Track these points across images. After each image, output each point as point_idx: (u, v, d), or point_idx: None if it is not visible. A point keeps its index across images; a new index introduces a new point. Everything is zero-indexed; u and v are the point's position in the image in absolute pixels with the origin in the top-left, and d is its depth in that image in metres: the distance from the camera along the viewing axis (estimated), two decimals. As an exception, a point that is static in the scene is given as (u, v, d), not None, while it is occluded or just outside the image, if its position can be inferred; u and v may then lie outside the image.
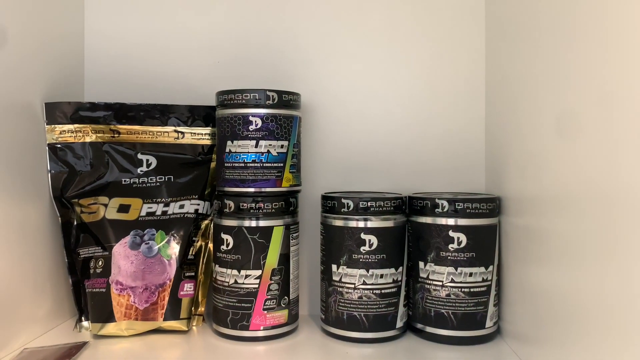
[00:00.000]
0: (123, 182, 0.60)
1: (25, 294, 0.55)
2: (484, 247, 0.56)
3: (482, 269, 0.56)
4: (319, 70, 0.68)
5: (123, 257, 0.59)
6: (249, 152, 0.56)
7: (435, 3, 0.67)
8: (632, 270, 0.32)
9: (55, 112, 0.59)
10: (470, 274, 0.56)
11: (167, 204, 0.61)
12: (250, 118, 0.56)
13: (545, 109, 0.47)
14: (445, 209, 0.56)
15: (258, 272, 0.56)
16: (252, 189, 0.57)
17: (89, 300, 0.58)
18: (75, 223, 0.59)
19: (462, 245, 0.55)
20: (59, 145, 0.59)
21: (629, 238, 0.32)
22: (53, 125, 0.59)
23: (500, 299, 0.59)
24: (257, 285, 0.56)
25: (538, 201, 0.48)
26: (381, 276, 0.56)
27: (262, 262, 0.56)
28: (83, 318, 0.59)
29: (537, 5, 0.49)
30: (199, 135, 0.62)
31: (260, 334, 0.57)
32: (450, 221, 0.56)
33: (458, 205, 0.56)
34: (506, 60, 0.59)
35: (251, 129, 0.56)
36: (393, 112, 0.68)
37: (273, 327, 0.57)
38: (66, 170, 0.59)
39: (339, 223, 0.57)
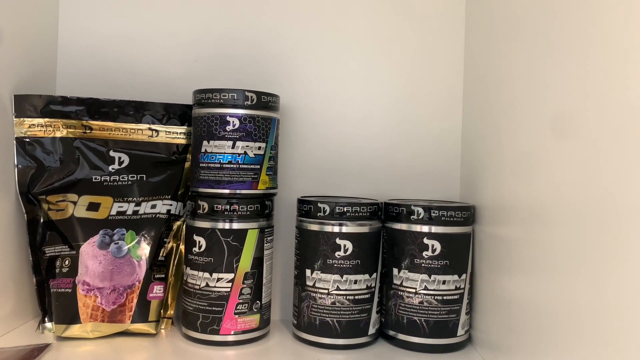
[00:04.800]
0: (93, 180, 0.58)
1: (-14, 292, 0.52)
2: (458, 255, 0.56)
3: (456, 276, 0.56)
4: (299, 73, 0.67)
5: (91, 257, 0.57)
6: (225, 153, 0.56)
7: (416, 10, 0.68)
8: (603, 281, 0.32)
9: (24, 105, 0.57)
10: (444, 282, 0.56)
11: (138, 204, 0.59)
12: (228, 118, 0.55)
13: (521, 119, 0.47)
14: (421, 216, 0.56)
15: (230, 276, 0.55)
16: (227, 191, 0.56)
17: (54, 300, 0.56)
18: (41, 220, 0.57)
19: (437, 252, 0.56)
20: (27, 140, 0.57)
21: (600, 249, 0.33)
22: (22, 119, 0.57)
23: (472, 307, 0.59)
24: (229, 289, 0.55)
25: (512, 211, 0.48)
26: (355, 282, 0.56)
27: (234, 266, 0.55)
28: (46, 319, 0.57)
29: (517, 14, 0.49)
30: (174, 134, 0.61)
31: (231, 338, 0.56)
32: (425, 228, 0.56)
33: (433, 212, 0.56)
34: (484, 69, 0.59)
35: (228, 130, 0.55)
36: (371, 117, 0.68)
37: (244, 332, 0.56)
38: (34, 166, 0.57)
39: (314, 227, 0.57)
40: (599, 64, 0.34)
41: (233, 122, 0.55)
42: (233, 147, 0.55)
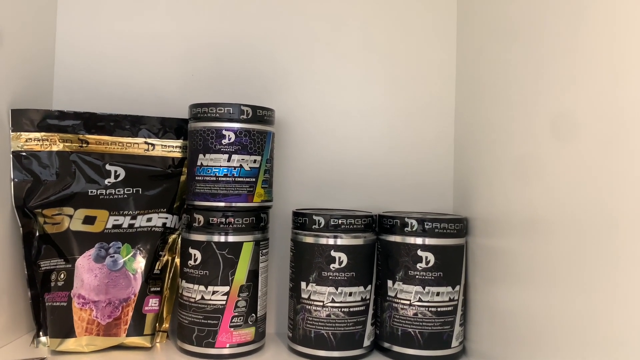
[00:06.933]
0: (89, 193, 0.59)
1: (-19, 306, 0.52)
2: (452, 266, 0.57)
3: (449, 288, 0.57)
4: (294, 86, 0.68)
5: (87, 270, 0.57)
6: (221, 166, 0.56)
7: (409, 22, 0.69)
8: (597, 292, 0.33)
9: (21, 119, 0.57)
10: (438, 294, 0.56)
11: (134, 217, 0.59)
12: (224, 132, 0.56)
13: (514, 131, 0.48)
14: (415, 228, 0.57)
15: (226, 289, 0.56)
16: (222, 204, 0.56)
17: (49, 314, 0.56)
18: (37, 234, 0.57)
19: (430, 264, 0.56)
20: (24, 154, 0.58)
21: (595, 260, 0.33)
22: (19, 133, 0.57)
23: (466, 318, 0.59)
24: (224, 302, 0.55)
25: (505, 222, 0.49)
26: (350, 294, 0.56)
27: (230, 278, 0.56)
28: (41, 333, 0.57)
29: (508, 22, 0.50)
30: (170, 148, 0.62)
31: (226, 351, 0.56)
32: (419, 240, 0.57)
33: (427, 224, 0.56)
34: (475, 82, 0.60)
35: (224, 143, 0.56)
36: (366, 130, 0.68)
37: (239, 345, 0.56)
38: (30, 180, 0.57)
39: (309, 240, 0.57)
40: (593, 70, 0.35)
41: (229, 135, 0.56)
42: (229, 160, 0.56)
